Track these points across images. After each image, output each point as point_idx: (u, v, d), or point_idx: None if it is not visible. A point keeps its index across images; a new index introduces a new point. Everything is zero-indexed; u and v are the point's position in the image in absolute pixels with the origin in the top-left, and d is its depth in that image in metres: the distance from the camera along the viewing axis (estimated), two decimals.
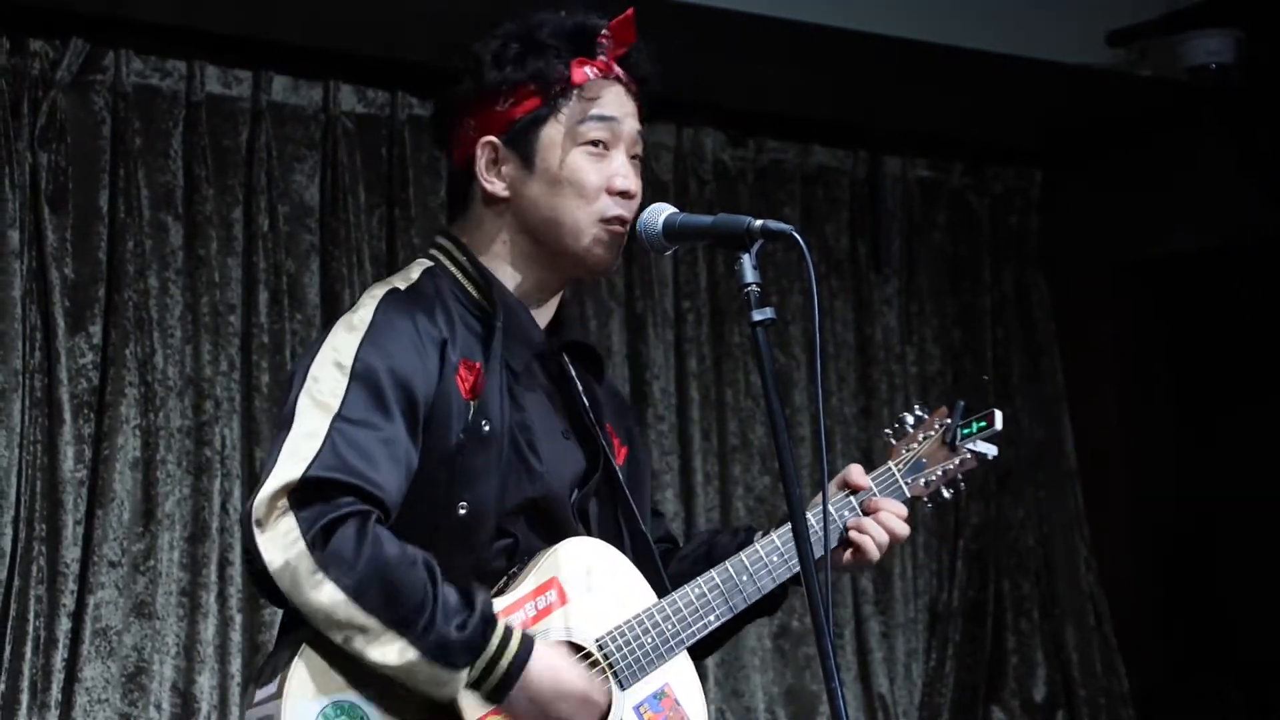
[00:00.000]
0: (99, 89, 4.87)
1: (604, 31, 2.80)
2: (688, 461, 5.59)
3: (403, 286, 2.79)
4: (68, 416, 4.70)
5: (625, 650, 2.70)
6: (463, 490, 2.68)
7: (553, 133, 2.77)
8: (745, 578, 2.79)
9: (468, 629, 2.56)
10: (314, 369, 2.70)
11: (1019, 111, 5.95)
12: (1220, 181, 5.98)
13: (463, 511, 2.68)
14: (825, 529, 2.65)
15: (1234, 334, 6.09)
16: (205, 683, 4.78)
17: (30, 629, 4.61)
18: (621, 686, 2.70)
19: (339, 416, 2.62)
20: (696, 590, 2.76)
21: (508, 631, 2.59)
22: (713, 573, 2.79)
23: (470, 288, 2.81)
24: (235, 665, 4.83)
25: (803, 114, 5.83)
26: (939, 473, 2.98)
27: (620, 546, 2.81)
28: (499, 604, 2.67)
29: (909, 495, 2.96)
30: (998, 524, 6.11)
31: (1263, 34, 5.79)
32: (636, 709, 2.70)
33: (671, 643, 2.73)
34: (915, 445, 2.99)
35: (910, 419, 3.02)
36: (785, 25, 5.33)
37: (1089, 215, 6.29)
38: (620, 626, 2.71)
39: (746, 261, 2.59)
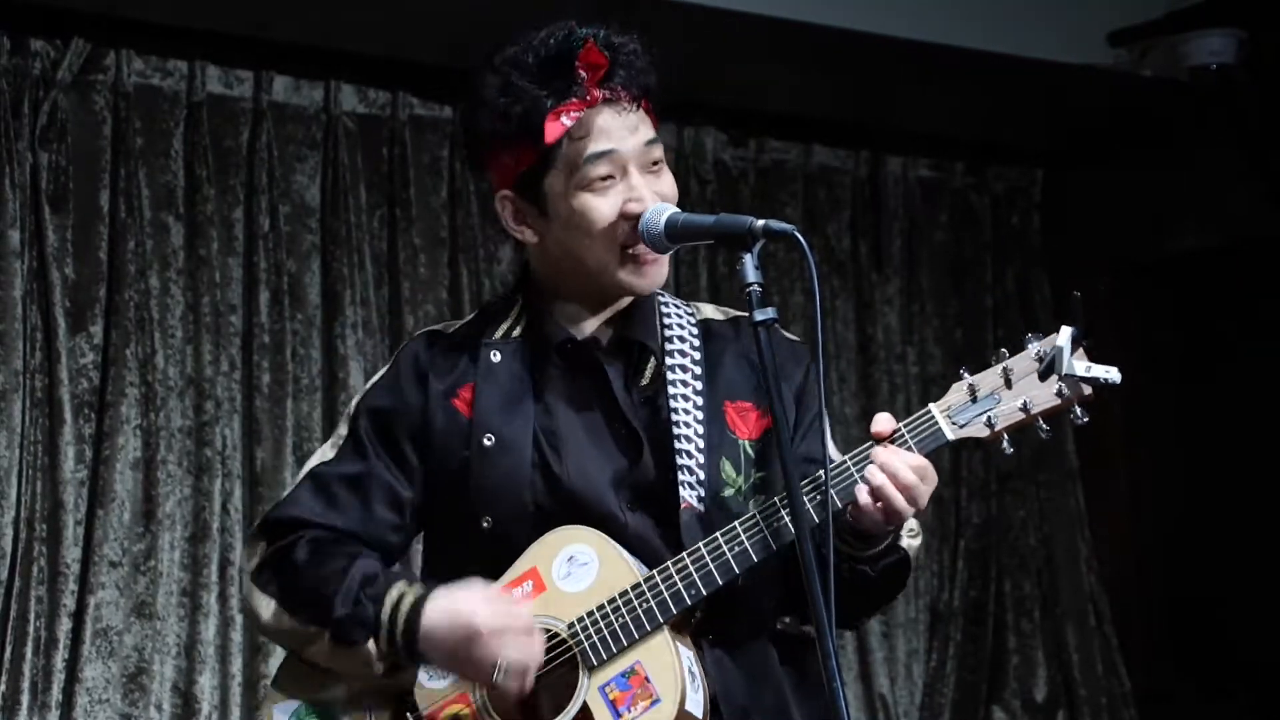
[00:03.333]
0: (100, 89, 4.87)
1: (578, 63, 2.73)
2: None
3: (451, 328, 2.91)
4: (68, 416, 4.70)
5: (592, 631, 2.69)
6: (481, 505, 2.74)
7: (555, 182, 2.75)
8: (736, 547, 2.69)
9: (358, 606, 2.69)
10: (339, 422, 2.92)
11: (1021, 111, 5.95)
12: (1222, 181, 5.98)
13: (487, 525, 2.73)
14: (828, 529, 2.62)
15: (1236, 333, 6.08)
16: (206, 683, 4.78)
17: (31, 629, 4.61)
18: (588, 668, 2.69)
19: (323, 463, 2.83)
20: (679, 564, 2.70)
21: (400, 596, 2.68)
22: (701, 544, 2.71)
23: (508, 307, 2.88)
24: (236, 665, 4.83)
25: (804, 114, 5.83)
26: (1021, 407, 2.70)
27: (673, 537, 2.76)
28: None
29: (951, 438, 2.71)
30: (999, 524, 6.11)
31: (1264, 34, 5.79)
32: (603, 689, 2.68)
33: (643, 620, 2.68)
34: (985, 380, 2.73)
35: (1005, 351, 2.74)
36: (786, 25, 5.33)
37: (1090, 215, 6.28)
38: (591, 609, 2.70)
39: (748, 261, 2.58)
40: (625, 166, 2.75)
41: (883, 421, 2.74)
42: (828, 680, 2.45)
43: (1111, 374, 2.70)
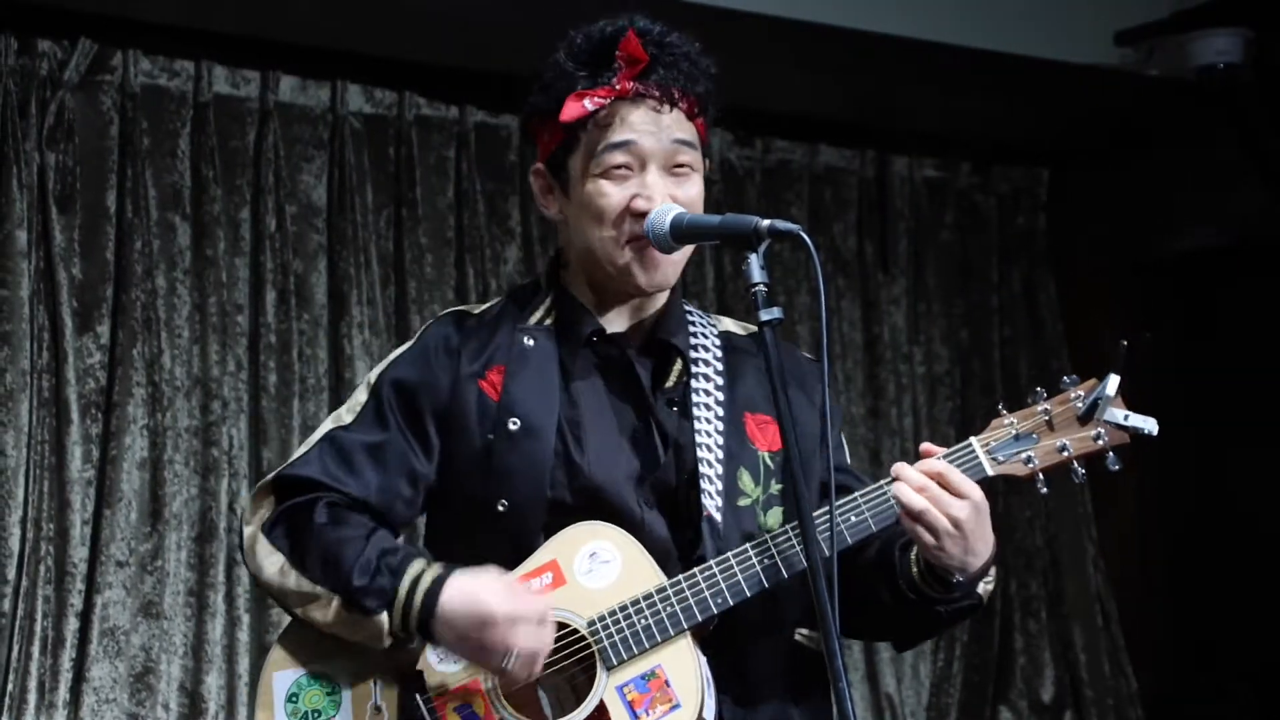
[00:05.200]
0: (107, 89, 4.87)
1: (618, 52, 2.77)
2: None
3: (478, 309, 2.90)
4: (75, 416, 4.71)
5: (614, 630, 2.68)
6: (499, 488, 2.73)
7: (576, 164, 2.78)
8: (766, 559, 2.71)
9: (376, 577, 2.67)
10: (357, 388, 2.88)
11: (1027, 111, 5.95)
12: (1228, 180, 5.98)
13: (502, 508, 2.73)
14: (832, 529, 2.63)
15: (1242, 332, 6.08)
16: (213, 682, 4.79)
17: (38, 629, 4.62)
18: (607, 666, 2.68)
19: (341, 427, 2.80)
20: (706, 571, 2.71)
21: (420, 574, 2.67)
22: (730, 553, 2.72)
23: (538, 294, 2.87)
24: (243, 665, 4.83)
25: (810, 114, 5.83)
26: (1060, 449, 2.76)
27: (691, 540, 2.77)
28: None
29: (991, 473, 2.75)
30: (1005, 524, 6.10)
31: (1271, 33, 5.78)
32: (620, 689, 2.68)
33: (667, 624, 2.68)
34: (1023, 419, 2.77)
35: (1043, 391, 2.80)
36: (793, 25, 5.33)
37: (1097, 215, 6.28)
38: (613, 607, 2.70)
39: (754, 261, 2.58)
40: (645, 162, 2.77)
41: (928, 450, 2.73)
42: (834, 680, 2.45)
43: (1149, 424, 2.81)
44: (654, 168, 2.77)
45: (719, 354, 2.87)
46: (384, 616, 2.66)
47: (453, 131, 5.34)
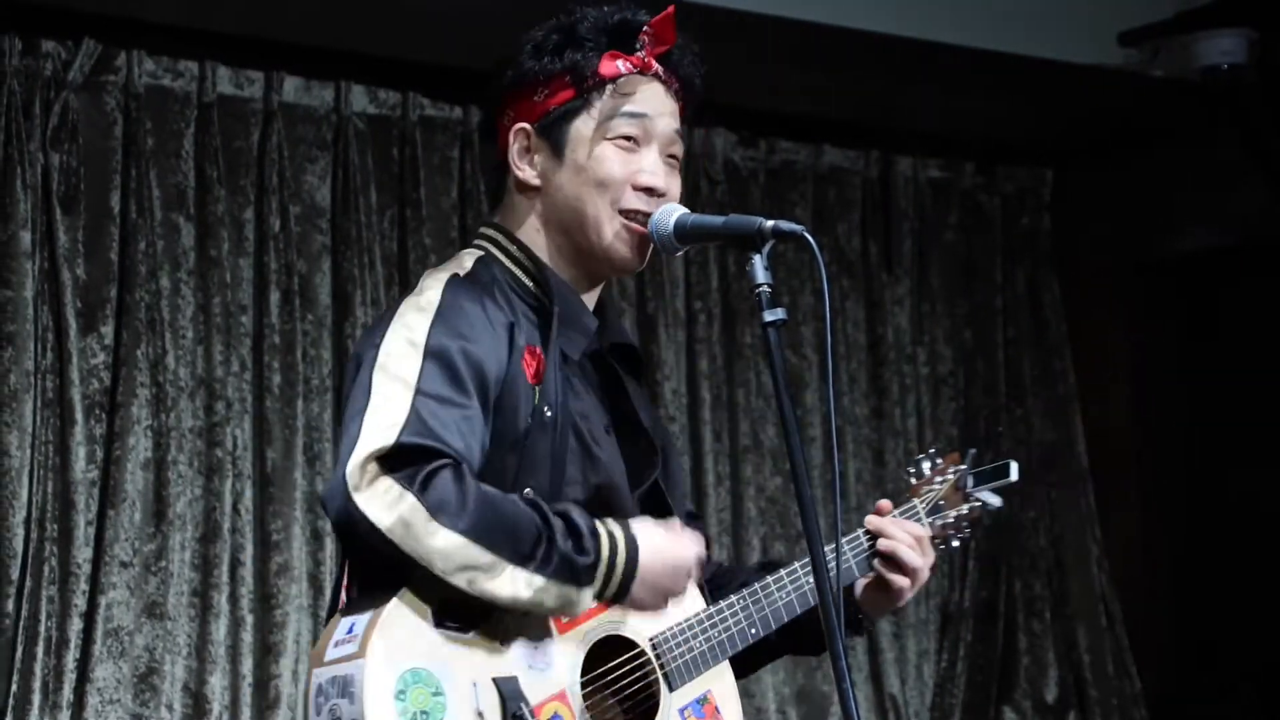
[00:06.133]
0: (111, 90, 4.87)
1: (645, 28, 2.79)
2: (699, 462, 5.59)
3: (462, 274, 2.77)
4: (79, 417, 4.71)
5: (678, 652, 2.70)
6: (527, 475, 2.68)
7: (583, 126, 2.77)
8: (784, 592, 2.82)
9: (585, 546, 2.58)
10: (386, 346, 2.66)
11: (1031, 112, 5.95)
12: (1232, 181, 5.97)
13: (528, 495, 2.67)
14: (837, 530, 2.64)
15: (1246, 333, 6.08)
16: (217, 683, 4.79)
17: (42, 629, 4.62)
18: (670, 688, 2.70)
19: (419, 392, 2.60)
20: (741, 602, 2.78)
21: (612, 537, 2.61)
22: (755, 585, 2.81)
23: (522, 275, 2.80)
24: (247, 666, 4.83)
25: (814, 114, 5.83)
26: (951, 518, 3.01)
27: None
28: None
29: (929, 535, 2.97)
30: (1009, 524, 6.10)
31: (1275, 34, 5.78)
32: (681, 711, 2.70)
33: (718, 650, 2.74)
34: (934, 486, 3.01)
35: (926, 462, 3.03)
36: (797, 25, 5.33)
37: (1101, 215, 6.28)
38: (674, 628, 2.71)
39: (758, 262, 2.58)
40: (651, 139, 2.79)
41: (883, 505, 2.97)
42: (838, 681, 2.46)
43: (996, 501, 3.04)
44: (656, 148, 2.80)
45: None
46: (590, 586, 2.59)
47: (457, 132, 5.34)
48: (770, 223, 2.60)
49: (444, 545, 2.51)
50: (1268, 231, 5.94)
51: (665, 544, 2.64)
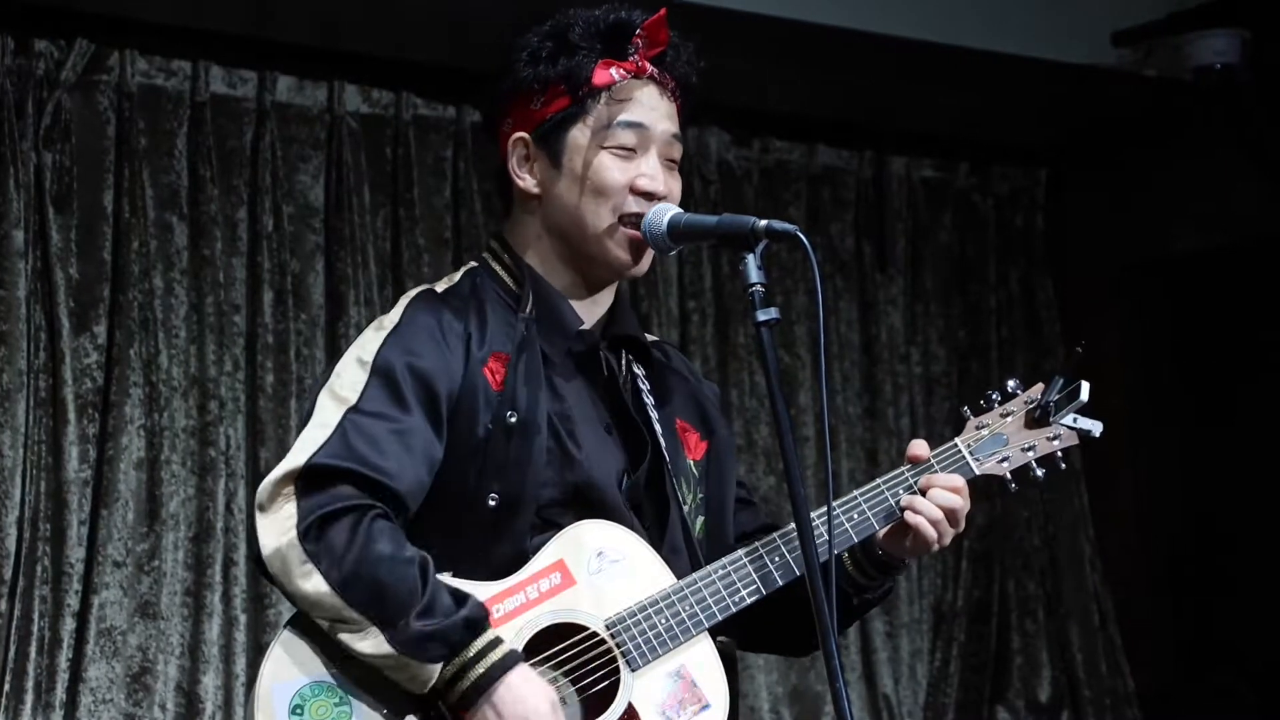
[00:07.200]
0: (104, 89, 4.87)
1: (638, 31, 2.79)
2: None
3: (440, 288, 2.82)
4: (72, 417, 4.70)
5: (635, 631, 2.68)
6: (492, 481, 2.68)
7: (580, 135, 2.78)
8: (776, 558, 2.76)
9: (447, 626, 2.56)
10: (339, 367, 2.73)
11: (1024, 112, 5.95)
12: (1226, 181, 5.98)
13: (493, 503, 2.68)
14: (829, 530, 2.64)
15: (1240, 333, 6.08)
16: (210, 683, 4.78)
17: (35, 629, 4.61)
18: (631, 668, 2.68)
19: (353, 409, 2.65)
20: (720, 571, 2.74)
21: (495, 640, 2.59)
22: (740, 552, 2.76)
23: (510, 282, 2.82)
24: (240, 665, 4.83)
25: (808, 114, 5.82)
26: (1025, 449, 2.89)
27: (665, 539, 2.78)
28: (502, 585, 2.67)
29: (977, 473, 2.88)
30: (1003, 524, 6.10)
31: (1268, 34, 5.79)
32: (647, 690, 2.68)
33: (688, 624, 2.70)
34: (992, 421, 2.90)
35: (997, 395, 2.92)
36: (790, 25, 5.33)
37: (1094, 215, 6.28)
38: (631, 608, 2.69)
39: (751, 262, 2.59)
40: (649, 145, 2.79)
41: (919, 447, 2.85)
42: (831, 680, 2.46)
43: (1096, 426, 2.91)
44: (655, 152, 2.80)
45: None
46: (438, 668, 2.56)
47: (450, 131, 5.34)
48: (764, 222, 2.61)
49: (311, 591, 2.56)
50: (1261, 231, 5.95)
51: (535, 698, 2.57)
